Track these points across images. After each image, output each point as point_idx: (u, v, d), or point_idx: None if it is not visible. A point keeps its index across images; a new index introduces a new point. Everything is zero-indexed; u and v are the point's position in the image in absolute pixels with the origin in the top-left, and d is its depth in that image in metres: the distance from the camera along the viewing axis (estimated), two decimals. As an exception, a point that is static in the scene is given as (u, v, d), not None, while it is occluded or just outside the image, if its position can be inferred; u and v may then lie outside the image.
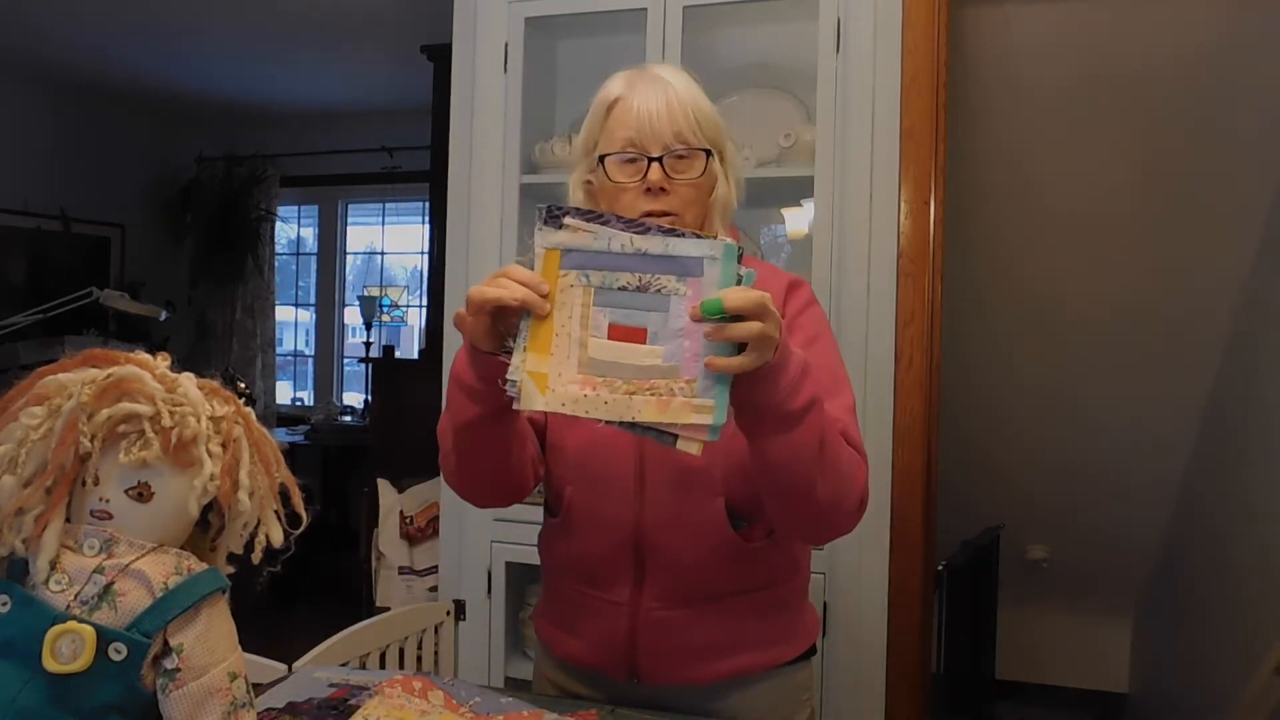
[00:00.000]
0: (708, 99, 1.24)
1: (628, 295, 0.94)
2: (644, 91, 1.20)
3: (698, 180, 1.20)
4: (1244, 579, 2.75)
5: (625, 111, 1.20)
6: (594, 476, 1.24)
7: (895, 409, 1.95)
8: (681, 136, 1.18)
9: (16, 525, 0.80)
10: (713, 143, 1.22)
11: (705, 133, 1.21)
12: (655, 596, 1.21)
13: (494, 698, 1.11)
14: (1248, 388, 2.86)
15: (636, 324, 0.94)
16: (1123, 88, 2.71)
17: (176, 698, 0.81)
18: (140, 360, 0.86)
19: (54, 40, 4.46)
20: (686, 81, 1.23)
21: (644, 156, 1.18)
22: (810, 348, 1.19)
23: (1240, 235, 2.79)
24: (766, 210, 2.32)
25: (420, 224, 5.76)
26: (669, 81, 1.20)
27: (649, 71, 1.23)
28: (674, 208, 1.19)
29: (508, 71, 2.17)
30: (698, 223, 1.23)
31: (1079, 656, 3.75)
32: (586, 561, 1.25)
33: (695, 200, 1.21)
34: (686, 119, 1.19)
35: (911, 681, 1.96)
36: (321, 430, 5.13)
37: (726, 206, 1.26)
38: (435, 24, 2.68)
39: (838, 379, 1.22)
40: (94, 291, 2.93)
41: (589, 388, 0.94)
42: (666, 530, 1.20)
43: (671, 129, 1.18)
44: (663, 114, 1.18)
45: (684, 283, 0.93)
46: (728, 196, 1.25)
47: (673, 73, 1.24)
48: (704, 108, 1.21)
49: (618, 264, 0.94)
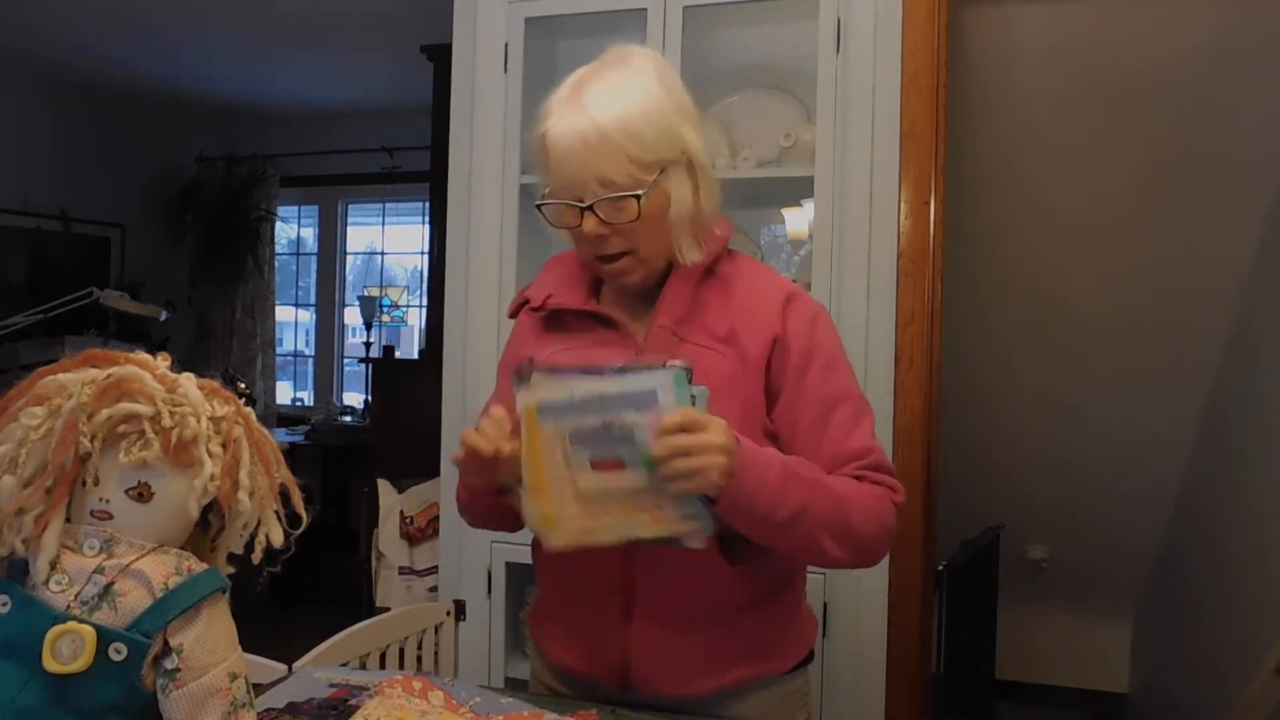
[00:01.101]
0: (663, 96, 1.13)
1: (597, 435, 1.03)
2: (565, 126, 1.10)
3: (637, 220, 1.12)
4: (1244, 579, 2.75)
5: (551, 151, 1.12)
6: None
7: (895, 409, 1.95)
8: (607, 180, 1.09)
9: (16, 525, 0.80)
10: (662, 161, 1.12)
11: (645, 158, 1.10)
12: (646, 616, 1.18)
13: (494, 698, 1.11)
14: (1247, 388, 2.86)
15: (613, 456, 1.03)
16: (1123, 88, 2.71)
17: (176, 698, 0.81)
18: (140, 360, 0.86)
19: (54, 40, 4.46)
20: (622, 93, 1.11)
21: (576, 205, 1.12)
22: (829, 375, 1.18)
23: (1240, 235, 2.79)
24: (766, 210, 2.32)
25: (420, 224, 5.75)
26: (592, 109, 1.09)
27: (581, 90, 1.12)
28: (621, 247, 1.14)
29: (508, 71, 2.17)
30: (657, 253, 1.17)
31: (1079, 656, 3.74)
32: (577, 580, 1.23)
33: (645, 234, 1.14)
34: (613, 157, 1.08)
35: (911, 681, 1.96)
36: (321, 430, 5.12)
37: (695, 218, 1.17)
38: (435, 24, 2.68)
39: (861, 404, 1.21)
40: (94, 291, 2.93)
41: (592, 518, 1.05)
42: (655, 553, 1.16)
43: (595, 174, 1.09)
44: (582, 157, 1.09)
45: (643, 413, 1.01)
46: (694, 208, 1.16)
47: (609, 84, 1.12)
48: (642, 126, 1.09)
49: (582, 410, 1.03)
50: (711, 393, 1.12)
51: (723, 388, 1.14)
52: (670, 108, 1.13)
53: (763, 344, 1.17)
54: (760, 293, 1.21)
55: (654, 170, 1.12)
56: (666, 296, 1.20)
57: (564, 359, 1.21)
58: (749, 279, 1.23)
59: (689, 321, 1.19)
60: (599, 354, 1.20)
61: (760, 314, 1.19)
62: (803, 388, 1.18)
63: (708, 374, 1.15)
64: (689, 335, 1.18)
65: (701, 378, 1.13)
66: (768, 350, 1.17)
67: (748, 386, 1.17)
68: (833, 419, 1.17)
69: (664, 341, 1.18)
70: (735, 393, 1.16)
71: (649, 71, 1.14)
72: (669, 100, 1.14)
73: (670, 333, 1.18)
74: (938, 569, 2.50)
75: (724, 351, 1.17)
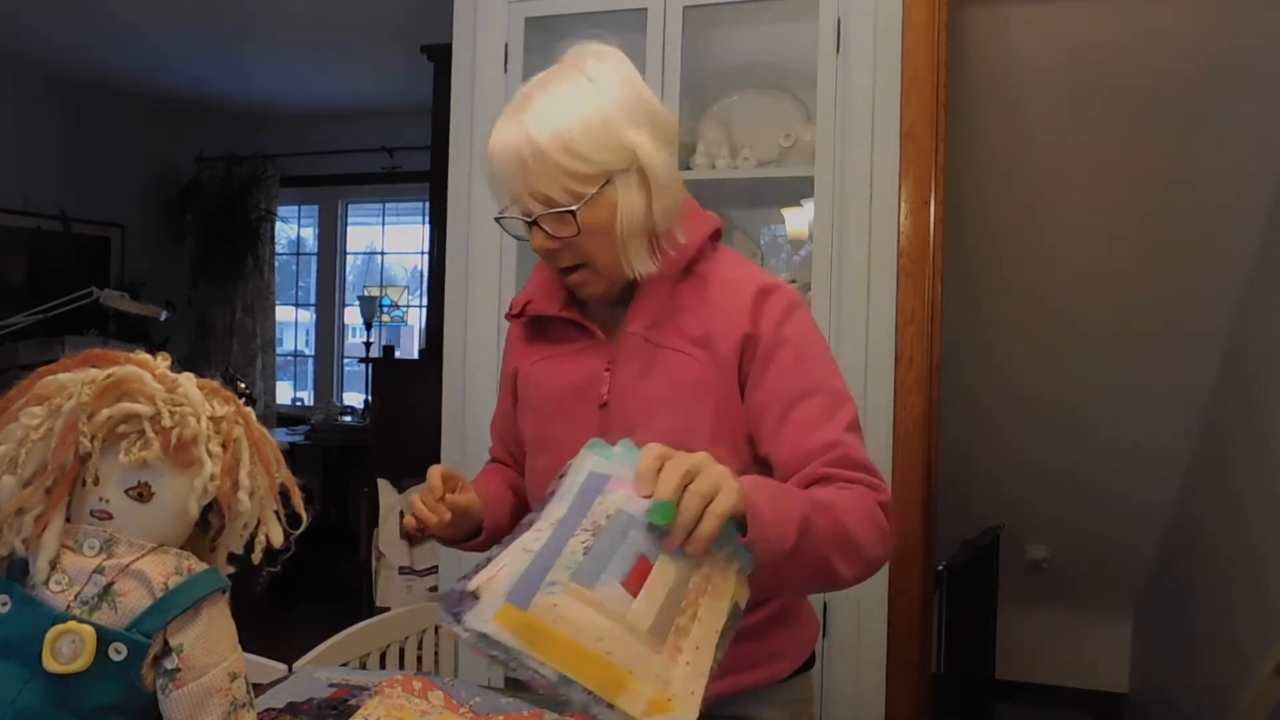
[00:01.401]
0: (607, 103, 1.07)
1: (598, 553, 0.81)
2: (502, 143, 1.08)
3: (578, 235, 1.09)
4: (1244, 579, 2.75)
5: (491, 165, 1.10)
6: None
7: (895, 409, 1.95)
8: (543, 196, 1.07)
9: (16, 525, 0.80)
10: (604, 172, 1.07)
11: (582, 171, 1.06)
12: None
13: (494, 698, 1.11)
14: (1245, 391, 2.86)
15: (631, 560, 0.80)
16: (1122, 87, 2.71)
17: (176, 698, 0.81)
18: (140, 360, 0.86)
19: (54, 40, 4.46)
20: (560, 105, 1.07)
21: (523, 220, 1.10)
22: (797, 368, 1.12)
23: (1239, 238, 2.79)
24: (766, 210, 2.32)
25: (420, 224, 5.76)
26: (528, 122, 1.06)
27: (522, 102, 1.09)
28: (575, 260, 1.12)
29: (508, 71, 2.17)
30: (614, 262, 1.12)
31: (1079, 656, 3.74)
32: None
33: (593, 247, 1.10)
34: (547, 173, 1.06)
35: (911, 681, 1.96)
36: (321, 430, 5.13)
37: (647, 229, 1.11)
38: (435, 24, 2.68)
39: (835, 397, 1.12)
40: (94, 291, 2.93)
41: (680, 652, 0.80)
42: None
43: (530, 190, 1.07)
44: (517, 173, 1.07)
45: (612, 490, 0.85)
46: (643, 218, 1.10)
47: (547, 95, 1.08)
48: (578, 138, 1.05)
49: (555, 551, 0.81)
50: (685, 398, 1.10)
51: (697, 393, 1.12)
52: (616, 114, 1.08)
53: (734, 344, 1.13)
54: (734, 290, 1.15)
55: (595, 182, 1.07)
56: (639, 302, 1.16)
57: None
58: (724, 276, 1.18)
59: (664, 325, 1.16)
60: (576, 362, 1.20)
61: (732, 313, 1.14)
62: (765, 382, 1.12)
63: (682, 379, 1.13)
64: (664, 340, 1.15)
65: (676, 383, 1.12)
66: (739, 350, 1.13)
67: (721, 391, 1.13)
68: (793, 414, 1.10)
69: (637, 349, 1.16)
70: (709, 398, 1.12)
71: (601, 76, 1.10)
72: (615, 107, 1.08)
73: (643, 339, 1.16)
74: (938, 569, 2.50)
75: (698, 355, 1.14)
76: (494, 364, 2.18)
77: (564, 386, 1.20)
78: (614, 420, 1.15)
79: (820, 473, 1.06)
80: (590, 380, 1.18)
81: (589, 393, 1.18)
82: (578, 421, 1.17)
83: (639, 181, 1.10)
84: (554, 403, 1.22)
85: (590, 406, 1.17)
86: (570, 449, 1.16)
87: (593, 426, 1.16)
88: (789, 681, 1.23)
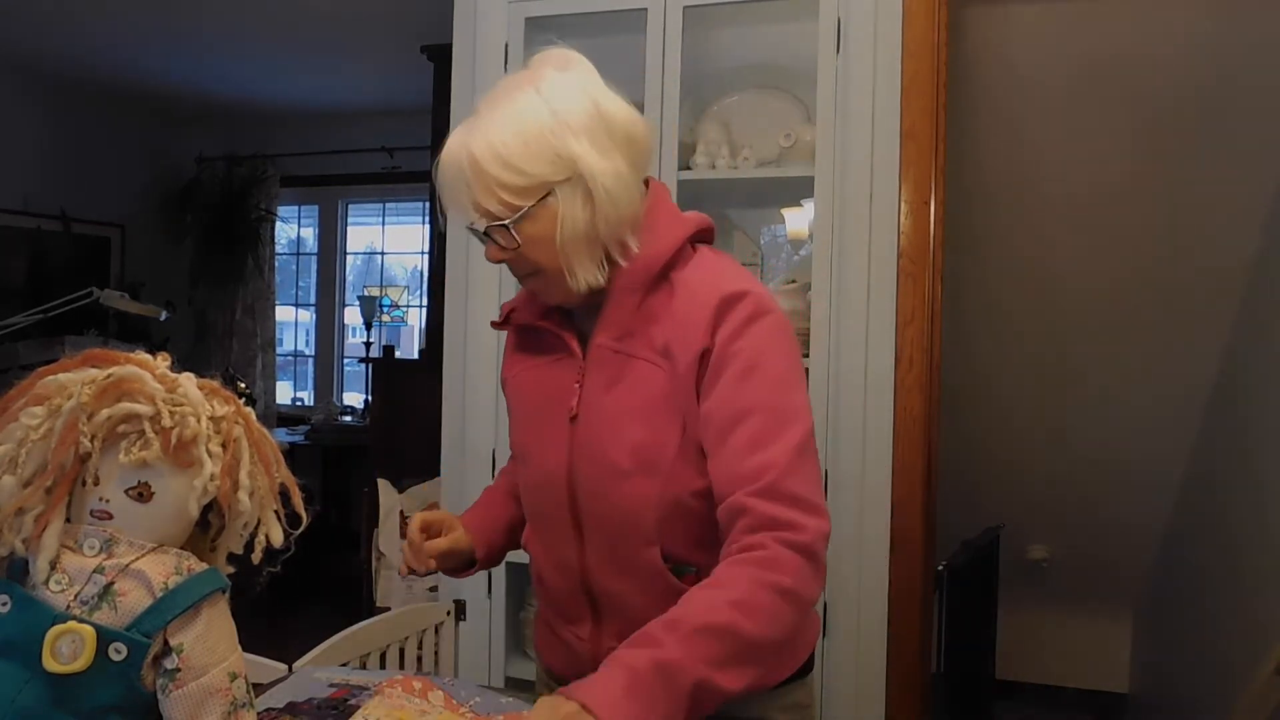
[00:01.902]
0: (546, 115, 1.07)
1: None
2: (447, 158, 1.10)
3: (519, 248, 1.09)
4: (1244, 579, 2.75)
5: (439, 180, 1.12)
6: (541, 518, 1.24)
7: (895, 409, 1.95)
8: (481, 209, 1.08)
9: (16, 525, 0.80)
10: (543, 186, 1.07)
11: (517, 184, 1.06)
12: (613, 635, 1.15)
13: (494, 698, 1.11)
14: (1248, 390, 2.86)
15: None
16: (1123, 87, 2.71)
17: (176, 698, 0.81)
18: (140, 360, 0.86)
19: (55, 41, 4.46)
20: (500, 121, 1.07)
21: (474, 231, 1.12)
22: (742, 384, 1.07)
23: (1239, 233, 2.79)
24: (766, 210, 2.32)
25: (420, 224, 5.76)
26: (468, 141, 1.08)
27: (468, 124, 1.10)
28: (530, 268, 1.12)
29: (508, 71, 2.17)
30: (561, 269, 1.10)
31: (1079, 656, 3.74)
32: (551, 595, 1.26)
33: (538, 257, 1.10)
34: (484, 187, 1.07)
35: (911, 682, 1.96)
36: (321, 430, 5.13)
37: (590, 239, 1.10)
38: (435, 24, 2.67)
39: (779, 416, 1.06)
40: (94, 291, 2.93)
41: None
42: (611, 574, 1.16)
43: (470, 203, 1.09)
44: (457, 187, 1.09)
45: None
46: (585, 228, 1.09)
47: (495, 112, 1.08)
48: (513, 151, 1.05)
49: None
50: (653, 411, 1.10)
51: (665, 405, 1.10)
52: (556, 126, 1.07)
53: (692, 357, 1.09)
54: (695, 300, 1.11)
55: (533, 194, 1.07)
56: (607, 312, 1.15)
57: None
58: (690, 285, 1.13)
59: (634, 335, 1.13)
60: (551, 373, 1.20)
61: (691, 325, 1.10)
62: (709, 398, 1.08)
63: (651, 391, 1.11)
64: (635, 350, 1.13)
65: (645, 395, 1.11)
66: (696, 364, 1.09)
67: (684, 404, 1.10)
68: (732, 436, 1.06)
69: (605, 360, 1.14)
70: (674, 410, 1.10)
71: (552, 86, 1.09)
72: (556, 119, 1.07)
73: (612, 350, 1.14)
74: (938, 569, 2.50)
75: (665, 366, 1.11)
76: (494, 364, 2.18)
77: (539, 399, 1.21)
78: (581, 435, 1.15)
79: (741, 503, 1.03)
80: (561, 393, 1.17)
81: (559, 406, 1.17)
82: (550, 434, 1.18)
83: (582, 192, 1.08)
84: (530, 414, 1.23)
85: (560, 420, 1.17)
86: (543, 462, 1.19)
87: (563, 440, 1.16)
88: (788, 685, 1.19)
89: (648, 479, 1.10)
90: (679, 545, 1.12)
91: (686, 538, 1.12)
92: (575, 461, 1.15)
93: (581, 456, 1.15)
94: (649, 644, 0.93)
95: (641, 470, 1.11)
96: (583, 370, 1.16)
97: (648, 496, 1.10)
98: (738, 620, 0.95)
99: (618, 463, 1.11)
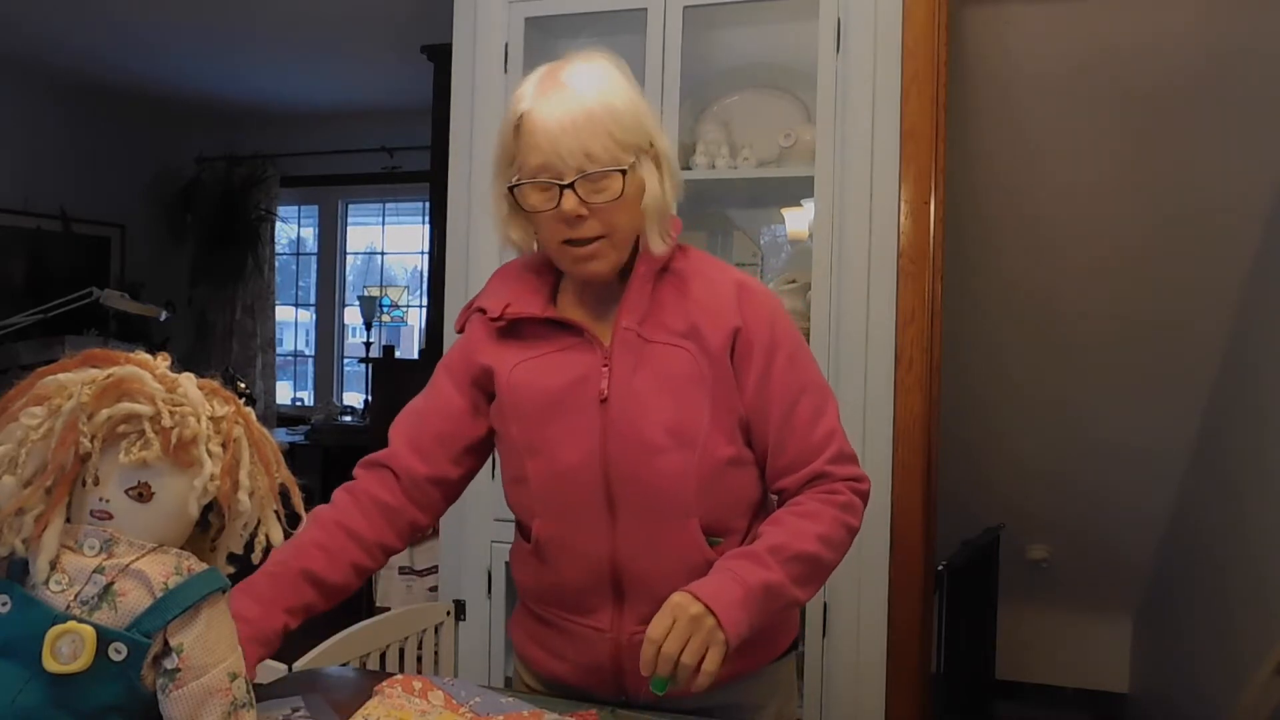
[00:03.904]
0: (633, 91, 1.17)
1: None
2: (550, 106, 1.12)
3: (617, 200, 1.13)
4: (1244, 579, 2.75)
5: (533, 130, 1.12)
6: (562, 509, 1.20)
7: (895, 409, 1.95)
8: (593, 156, 1.11)
9: (16, 525, 0.80)
10: (636, 147, 1.15)
11: (625, 140, 1.13)
12: (637, 620, 1.16)
13: (494, 698, 1.11)
14: (1246, 389, 2.86)
15: None
16: (1123, 89, 2.71)
17: (176, 698, 0.81)
18: (140, 360, 0.86)
19: (54, 40, 4.46)
20: (601, 81, 1.14)
21: (555, 184, 1.12)
22: (792, 368, 1.20)
23: (1239, 239, 2.79)
24: (766, 210, 2.32)
25: (420, 224, 5.75)
26: (576, 89, 1.12)
27: (557, 77, 1.14)
28: (596, 231, 1.14)
29: (508, 71, 2.17)
30: (628, 240, 1.17)
31: (1079, 656, 3.74)
32: (565, 591, 1.22)
33: (620, 219, 1.15)
34: (597, 135, 1.11)
35: (911, 681, 1.96)
36: (321, 430, 5.12)
37: (662, 209, 1.18)
38: (435, 24, 2.67)
39: (824, 392, 1.23)
40: (94, 291, 2.93)
41: None
42: (643, 556, 1.17)
43: (581, 149, 1.10)
44: (569, 133, 1.10)
45: None
46: (662, 199, 1.18)
47: (586, 72, 1.14)
48: (622, 110, 1.13)
49: None
50: (681, 388, 1.16)
51: (690, 384, 1.17)
52: (641, 102, 1.18)
53: (724, 336, 1.18)
54: (714, 288, 1.22)
55: (631, 154, 1.14)
56: (629, 297, 1.20)
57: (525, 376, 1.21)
58: (702, 273, 1.23)
59: (649, 320, 1.20)
60: (567, 360, 1.19)
61: (718, 307, 1.20)
62: (769, 384, 1.19)
63: (675, 372, 1.17)
64: (652, 335, 1.19)
65: (670, 376, 1.17)
66: (730, 341, 1.18)
67: (714, 379, 1.18)
68: (796, 413, 1.19)
69: (630, 343, 1.18)
70: (703, 387, 1.17)
71: (616, 70, 1.18)
72: (639, 96, 1.18)
73: (635, 334, 1.18)
74: (938, 569, 2.50)
75: (688, 348, 1.18)
76: (494, 364, 2.18)
77: (557, 386, 1.19)
78: (615, 416, 1.16)
79: (821, 469, 1.19)
80: (587, 377, 1.18)
81: (587, 390, 1.18)
82: (577, 419, 1.18)
83: (656, 166, 1.18)
84: (548, 404, 1.19)
85: (590, 404, 1.17)
86: (570, 450, 1.18)
87: (594, 424, 1.17)
88: (775, 664, 1.28)
89: (685, 452, 1.16)
90: (715, 514, 1.19)
91: (721, 506, 1.19)
92: (609, 443, 1.16)
93: (616, 436, 1.16)
94: (759, 565, 1.10)
95: (678, 445, 1.16)
96: (608, 354, 1.18)
97: (686, 469, 1.16)
98: (821, 551, 1.14)
99: (654, 439, 1.16)
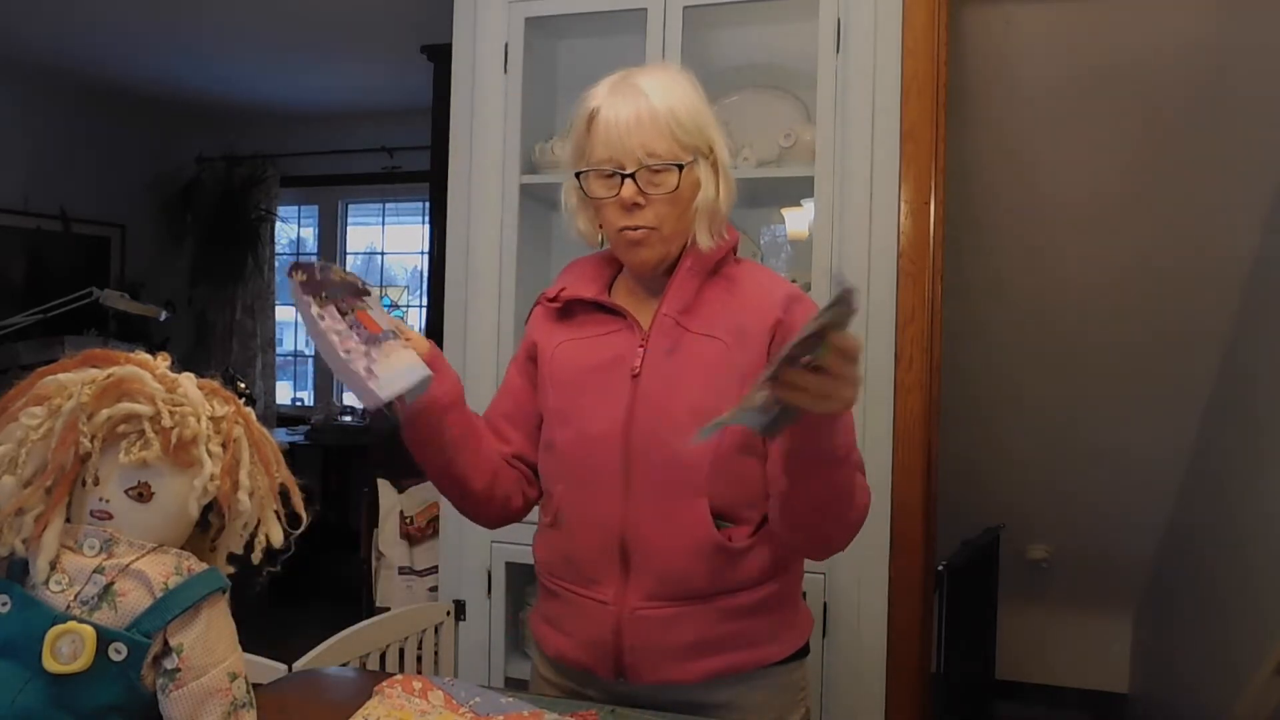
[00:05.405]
0: (697, 98, 1.25)
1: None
2: (619, 104, 1.22)
3: (673, 193, 1.22)
4: (1244, 579, 2.75)
5: (601, 125, 1.23)
6: (582, 474, 1.26)
7: (895, 409, 1.95)
8: (653, 151, 1.21)
9: (16, 525, 0.80)
10: (695, 149, 1.23)
11: (685, 140, 1.22)
12: (640, 595, 1.22)
13: (494, 698, 1.11)
14: (1247, 387, 2.86)
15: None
16: (1124, 88, 2.71)
17: (176, 698, 0.81)
18: (140, 360, 0.86)
19: (54, 40, 4.46)
20: (668, 86, 1.23)
21: (618, 173, 1.22)
22: None
23: (1239, 237, 2.79)
24: (766, 210, 2.32)
25: (420, 224, 5.75)
26: (645, 91, 1.22)
27: (629, 80, 1.24)
28: (649, 221, 1.23)
29: (508, 71, 2.17)
30: (678, 234, 1.26)
31: (1079, 656, 3.74)
32: (575, 560, 1.27)
33: (672, 212, 1.24)
34: (660, 132, 1.21)
35: (911, 681, 1.96)
36: (321, 430, 5.12)
37: (714, 211, 1.27)
38: (435, 24, 2.67)
39: None
40: (94, 291, 2.93)
41: None
42: (651, 528, 1.21)
43: (642, 144, 1.20)
44: (633, 128, 1.20)
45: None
46: (714, 201, 1.26)
47: (655, 78, 1.24)
48: (683, 114, 1.22)
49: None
50: (712, 376, 1.21)
51: (722, 373, 1.22)
52: (705, 110, 1.26)
53: (766, 328, 1.24)
54: (764, 291, 1.28)
55: (690, 154, 1.22)
56: (672, 288, 1.27)
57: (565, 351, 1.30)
58: (755, 279, 1.31)
59: (691, 313, 1.26)
60: (608, 342, 1.28)
61: (765, 307, 1.26)
62: None
63: (708, 361, 1.23)
64: (691, 325, 1.26)
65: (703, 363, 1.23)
66: (770, 333, 1.24)
67: (745, 368, 1.21)
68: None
69: (667, 329, 1.25)
70: (733, 376, 1.21)
71: (684, 78, 1.27)
72: (703, 104, 1.26)
73: (674, 322, 1.26)
74: (938, 569, 2.50)
75: (726, 340, 1.24)
76: (494, 363, 2.18)
77: (595, 363, 1.28)
78: (644, 390, 1.24)
79: None
80: (623, 355, 1.27)
81: (621, 366, 1.26)
82: (609, 391, 1.26)
83: (713, 169, 1.26)
84: (584, 377, 1.29)
85: (622, 378, 1.25)
86: (596, 418, 1.25)
87: (624, 395, 1.24)
88: (784, 665, 1.29)
89: None
90: (725, 498, 1.22)
91: (732, 491, 1.22)
92: (635, 415, 1.23)
93: (643, 409, 1.23)
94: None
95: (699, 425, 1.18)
96: (645, 336, 1.27)
97: (702, 448, 1.19)
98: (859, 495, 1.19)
99: (677, 416, 1.20)
